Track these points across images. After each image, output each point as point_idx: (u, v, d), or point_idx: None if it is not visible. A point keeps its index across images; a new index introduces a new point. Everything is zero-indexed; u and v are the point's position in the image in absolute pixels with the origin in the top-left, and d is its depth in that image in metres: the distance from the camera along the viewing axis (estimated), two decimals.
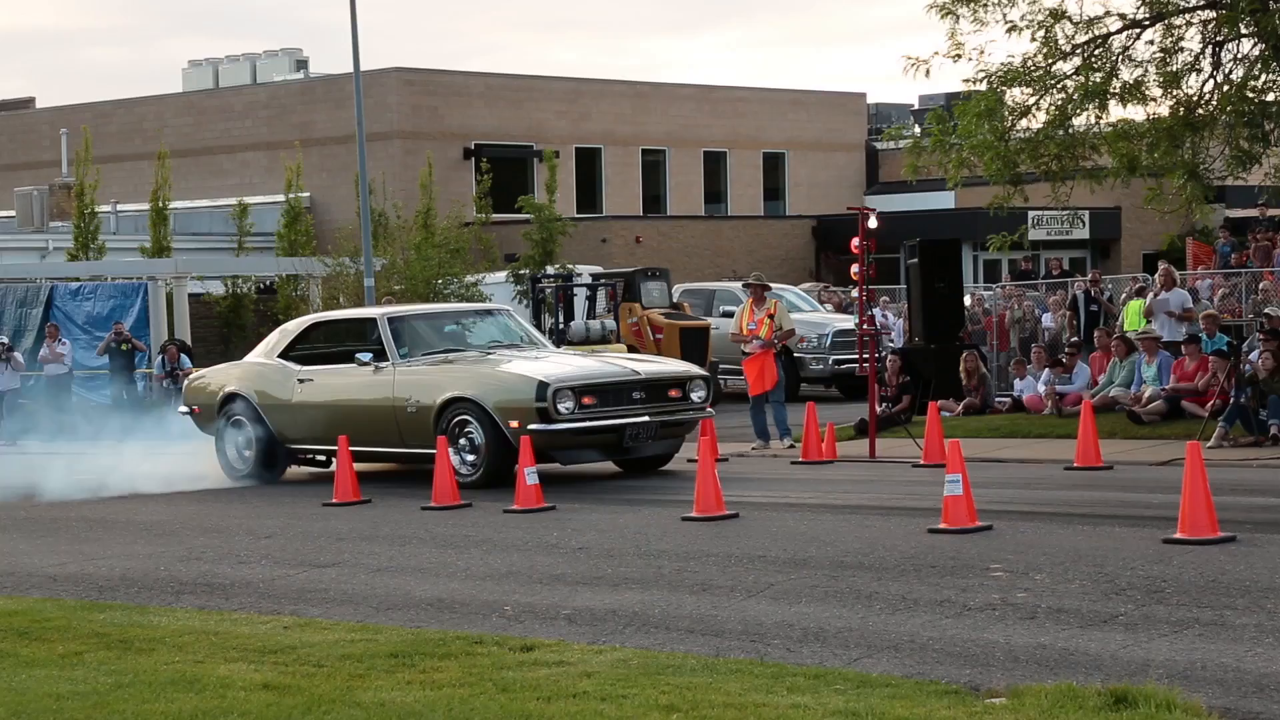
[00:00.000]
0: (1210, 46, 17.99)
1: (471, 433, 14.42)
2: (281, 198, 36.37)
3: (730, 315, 22.15)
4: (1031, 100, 18.69)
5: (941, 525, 10.51)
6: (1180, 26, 18.13)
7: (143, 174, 39.86)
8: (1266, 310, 20.77)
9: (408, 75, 42.30)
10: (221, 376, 17.02)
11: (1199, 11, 18.12)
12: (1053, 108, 18.48)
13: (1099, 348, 20.03)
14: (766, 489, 13.81)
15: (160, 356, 24.99)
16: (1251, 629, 7.35)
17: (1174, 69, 17.86)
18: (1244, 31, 17.66)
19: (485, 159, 37.24)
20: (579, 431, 14.28)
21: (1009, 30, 18.43)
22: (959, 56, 18.77)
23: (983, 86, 18.91)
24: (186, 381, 17.87)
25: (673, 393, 14.88)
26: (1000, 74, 18.62)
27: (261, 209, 38.01)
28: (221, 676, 7.41)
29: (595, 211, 43.67)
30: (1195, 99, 17.98)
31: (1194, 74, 17.91)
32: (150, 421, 18.40)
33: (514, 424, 14.12)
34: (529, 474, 12.83)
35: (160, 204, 34.50)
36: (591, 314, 27.39)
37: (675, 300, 28.31)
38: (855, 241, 17.23)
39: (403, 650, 7.78)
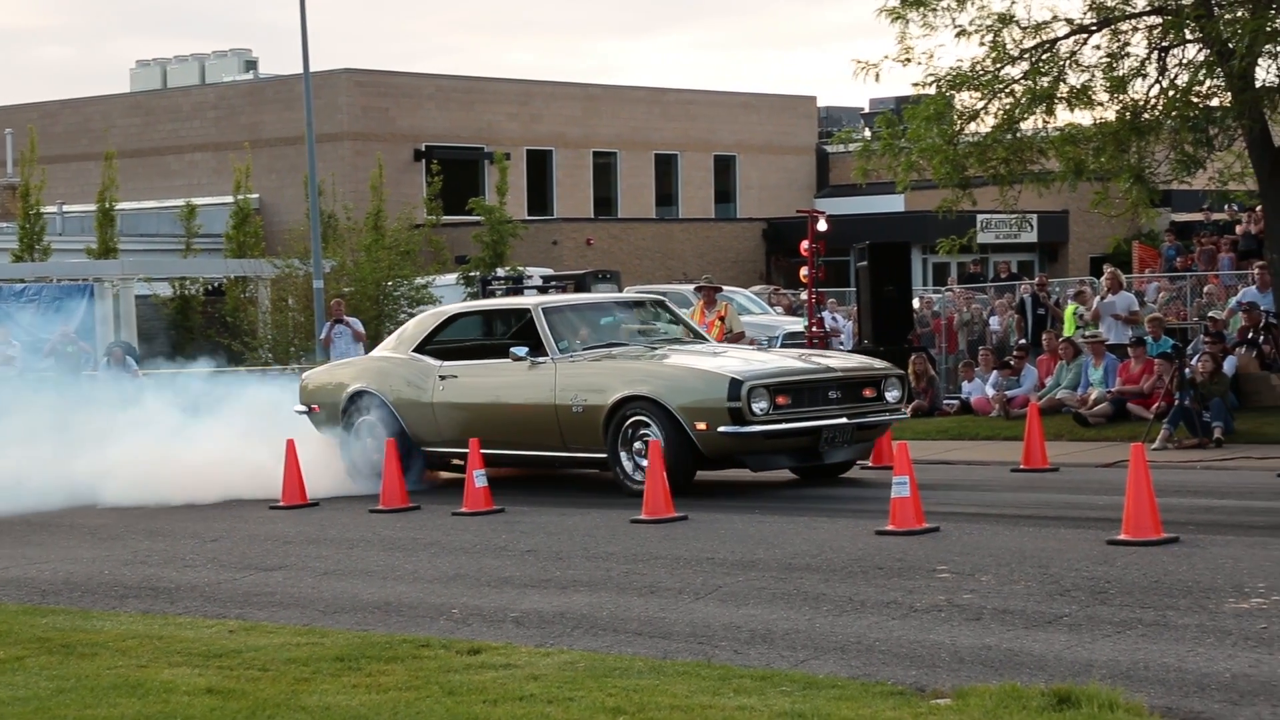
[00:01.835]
0: (1156, 52, 18.13)
1: (648, 435, 13.02)
2: (230, 199, 36.19)
3: None
4: (980, 104, 18.80)
5: (889, 527, 10.54)
6: (1126, 32, 18.27)
7: (89, 174, 39.60)
8: (1210, 313, 20.97)
9: (358, 76, 42.17)
10: (346, 373, 15.49)
11: (1145, 17, 18.26)
12: (1001, 111, 18.59)
13: (1046, 350, 20.17)
14: (715, 491, 13.82)
15: (105, 359, 24.79)
16: (1193, 629, 7.41)
17: (1120, 74, 17.99)
18: (1189, 37, 17.81)
19: (436, 160, 37.17)
20: (772, 435, 12.88)
21: (958, 34, 18.54)
22: (908, 60, 18.87)
23: (932, 90, 19.02)
24: (303, 379, 16.10)
25: (867, 392, 13.51)
26: (949, 78, 18.73)
27: (210, 210, 37.82)
28: (165, 681, 7.35)
29: (546, 213, 43.66)
30: (1141, 104, 18.12)
31: (1140, 79, 18.04)
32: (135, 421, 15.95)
33: (701, 426, 12.80)
34: (477, 477, 12.79)
35: (107, 205, 34.26)
36: None
37: None
38: (805, 244, 17.31)
39: (349, 654, 7.74)
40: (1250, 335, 18.92)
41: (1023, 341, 22.59)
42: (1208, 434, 16.28)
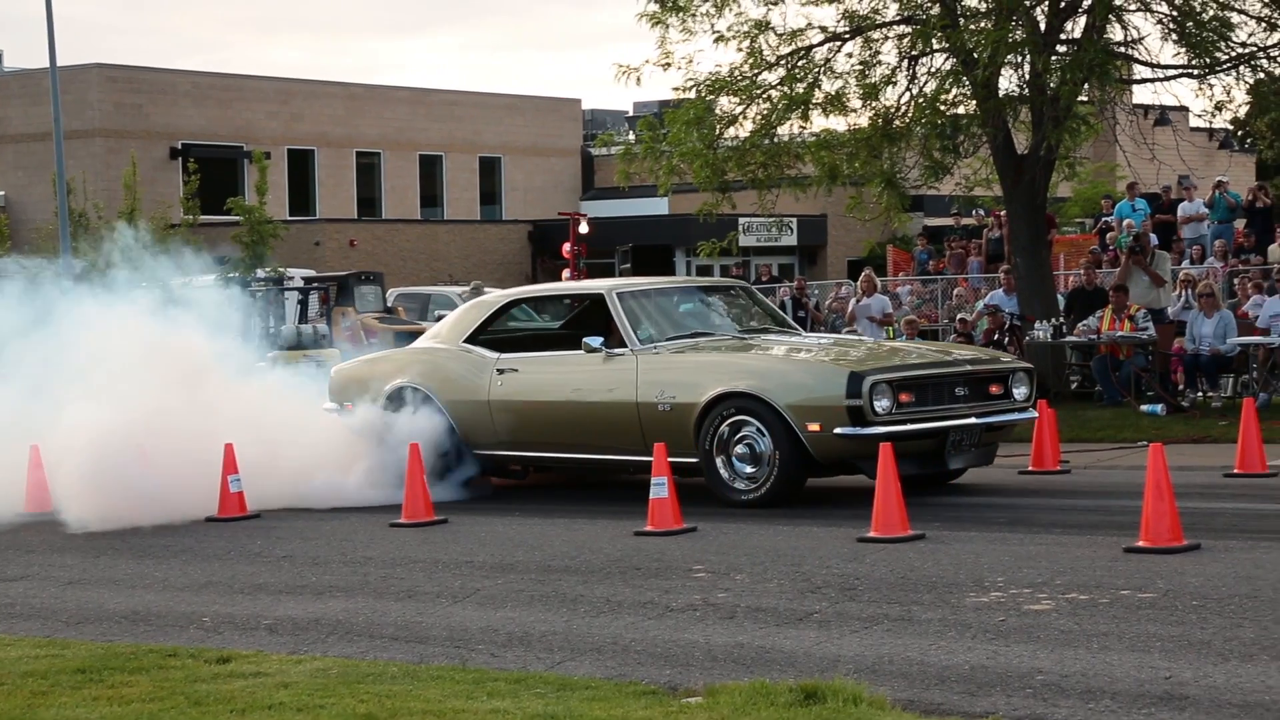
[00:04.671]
0: (906, 60, 18.69)
1: (750, 438, 11.56)
2: None
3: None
4: (738, 109, 19.15)
5: (648, 527, 10.63)
6: (878, 40, 18.80)
7: None
8: (960, 315, 21.66)
9: (109, 71, 40.98)
10: (385, 367, 13.82)
11: (895, 26, 18.80)
12: (759, 117, 18.97)
13: None
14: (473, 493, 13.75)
15: None
16: (936, 623, 7.63)
17: (872, 81, 18.51)
18: (936, 47, 18.39)
19: (193, 159, 36.28)
20: (895, 437, 11.03)
21: (716, 40, 18.86)
22: (669, 65, 19.14)
23: (692, 95, 19.29)
24: (333, 373, 14.46)
25: (994, 389, 11.99)
26: (708, 83, 19.03)
27: None
28: None
29: (308, 214, 43.01)
30: (892, 111, 18.65)
31: (891, 87, 18.60)
32: None
33: (814, 427, 11.24)
34: (232, 481, 12.50)
35: None
36: (304, 318, 27.01)
37: (390, 304, 28.12)
38: (567, 246, 17.37)
39: (91, 665, 7.50)
40: (995, 337, 19.60)
41: None
42: None
